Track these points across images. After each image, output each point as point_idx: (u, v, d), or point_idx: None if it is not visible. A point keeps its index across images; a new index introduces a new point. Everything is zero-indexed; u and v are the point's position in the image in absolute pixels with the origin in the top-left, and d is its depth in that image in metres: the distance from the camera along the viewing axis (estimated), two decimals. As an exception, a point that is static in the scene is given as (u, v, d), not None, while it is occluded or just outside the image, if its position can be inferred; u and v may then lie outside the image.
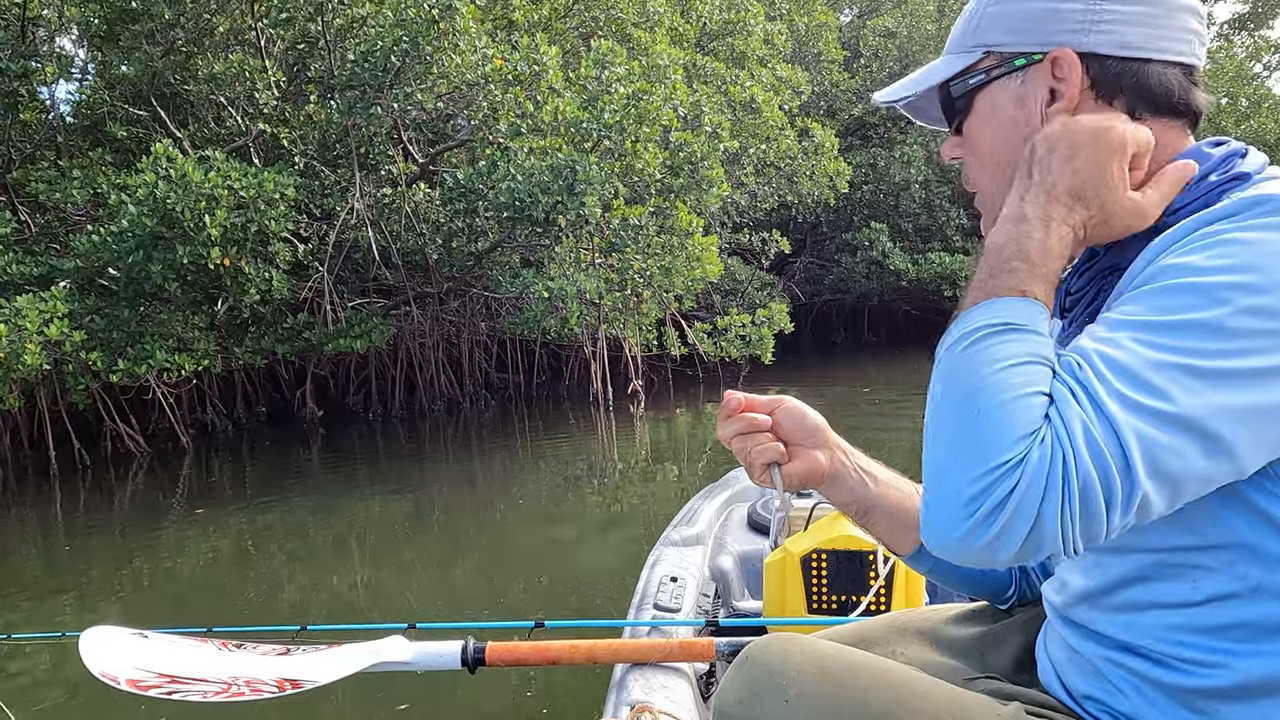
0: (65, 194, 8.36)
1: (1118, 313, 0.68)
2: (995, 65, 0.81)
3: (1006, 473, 0.62)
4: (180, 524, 5.92)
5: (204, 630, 1.90)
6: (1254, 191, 0.68)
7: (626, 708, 1.52)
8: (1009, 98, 0.80)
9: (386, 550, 4.71)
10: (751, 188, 12.46)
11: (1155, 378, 0.63)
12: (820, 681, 0.81)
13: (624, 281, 8.75)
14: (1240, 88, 17.14)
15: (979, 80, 0.81)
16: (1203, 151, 0.77)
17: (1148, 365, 0.63)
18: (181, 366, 8.35)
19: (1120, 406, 0.62)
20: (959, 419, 0.66)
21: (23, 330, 6.80)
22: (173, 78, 9.53)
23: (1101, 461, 0.61)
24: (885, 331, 18.60)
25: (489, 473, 7.12)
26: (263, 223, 7.73)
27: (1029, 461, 0.62)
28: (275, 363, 10.65)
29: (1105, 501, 0.61)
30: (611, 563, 4.12)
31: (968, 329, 0.70)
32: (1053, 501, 0.61)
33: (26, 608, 4.18)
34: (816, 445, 0.95)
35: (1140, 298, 0.67)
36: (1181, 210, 0.73)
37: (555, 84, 8.50)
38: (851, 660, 0.85)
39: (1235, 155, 0.76)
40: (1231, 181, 0.73)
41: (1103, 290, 0.78)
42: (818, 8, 16.11)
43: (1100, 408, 0.62)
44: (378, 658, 1.71)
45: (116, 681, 1.58)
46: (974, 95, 0.82)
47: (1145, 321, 0.65)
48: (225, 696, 1.56)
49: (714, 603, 2.15)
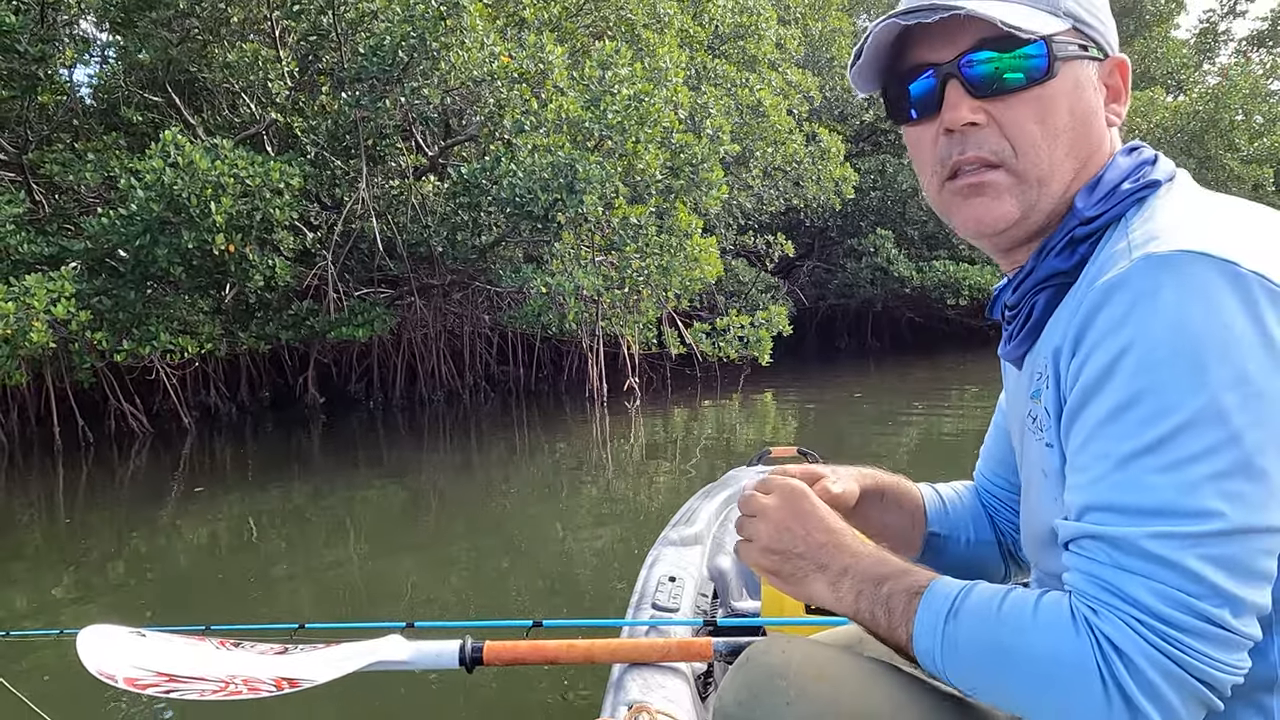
0: (79, 176, 8.44)
1: (1101, 441, 0.67)
2: (1084, 45, 0.78)
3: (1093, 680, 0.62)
4: (180, 503, 6.00)
5: (202, 629, 1.90)
6: (1153, 248, 0.67)
7: (624, 707, 1.51)
8: (1089, 81, 0.78)
9: (384, 543, 4.74)
10: (758, 190, 12.45)
11: (1193, 501, 0.62)
12: (820, 683, 0.81)
13: (623, 280, 8.78)
14: (1256, 105, 17.05)
15: (1074, 51, 0.77)
16: (1117, 162, 0.79)
17: (1180, 490, 0.62)
18: (185, 349, 8.43)
19: (1179, 547, 0.62)
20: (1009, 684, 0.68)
21: (30, 308, 6.87)
22: (189, 65, 9.57)
23: (1187, 605, 0.61)
24: (889, 338, 18.57)
25: (487, 466, 7.16)
26: (268, 211, 7.80)
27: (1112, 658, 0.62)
28: (279, 348, 10.72)
29: (1224, 629, 0.62)
30: (609, 562, 4.10)
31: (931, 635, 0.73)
32: (1165, 671, 0.61)
33: (25, 583, 4.24)
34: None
35: (1115, 418, 0.66)
36: (1096, 220, 0.76)
37: (560, 83, 8.52)
38: (851, 662, 0.85)
39: (1145, 163, 0.79)
40: (1142, 190, 0.76)
41: (1035, 307, 0.80)
42: (832, 13, 16.06)
43: (1157, 558, 0.62)
44: (375, 657, 1.71)
45: (114, 680, 1.57)
46: (1063, 62, 0.76)
47: (1146, 445, 0.64)
48: (223, 695, 1.56)
49: (712, 602, 2.15)
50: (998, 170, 0.78)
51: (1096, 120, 0.79)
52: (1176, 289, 0.64)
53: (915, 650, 0.74)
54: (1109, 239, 0.74)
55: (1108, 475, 0.66)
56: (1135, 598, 0.63)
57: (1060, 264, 0.77)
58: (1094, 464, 0.67)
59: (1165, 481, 0.63)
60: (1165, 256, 0.65)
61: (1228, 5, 23.58)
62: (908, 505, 1.02)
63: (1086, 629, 0.64)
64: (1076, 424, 0.69)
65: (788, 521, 0.82)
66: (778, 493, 0.84)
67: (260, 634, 1.94)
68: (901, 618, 0.75)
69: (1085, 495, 0.68)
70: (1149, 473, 0.63)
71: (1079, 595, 0.66)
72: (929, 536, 1.02)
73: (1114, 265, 0.69)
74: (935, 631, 0.72)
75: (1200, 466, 0.62)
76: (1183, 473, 0.62)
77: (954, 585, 0.73)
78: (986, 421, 1.09)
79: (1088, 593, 0.65)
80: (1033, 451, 0.82)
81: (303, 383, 10.96)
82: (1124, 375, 0.65)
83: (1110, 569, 0.65)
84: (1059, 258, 0.77)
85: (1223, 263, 0.63)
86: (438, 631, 1.92)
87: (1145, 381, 0.64)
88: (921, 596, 0.74)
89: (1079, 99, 0.77)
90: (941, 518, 1.04)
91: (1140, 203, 0.75)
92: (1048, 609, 0.67)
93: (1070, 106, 0.77)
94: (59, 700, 2.33)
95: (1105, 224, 0.75)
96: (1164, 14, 22.88)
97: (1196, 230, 0.67)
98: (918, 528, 1.02)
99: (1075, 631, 0.64)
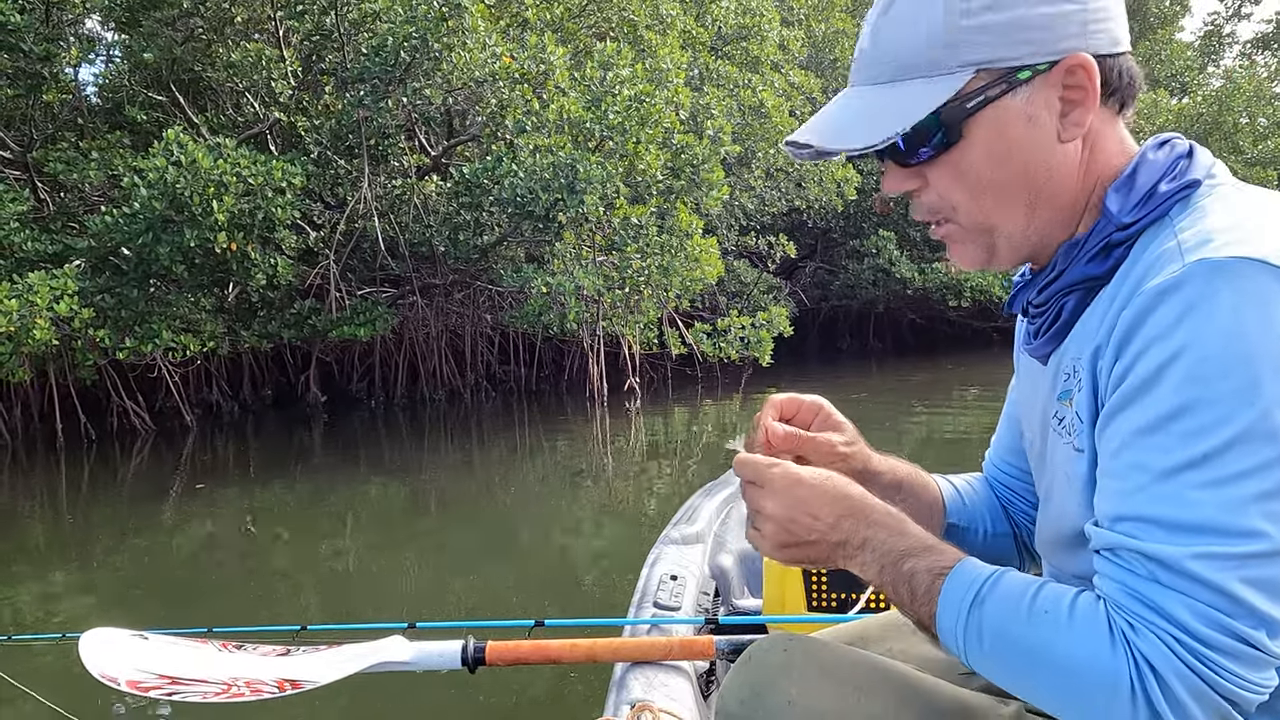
0: (83, 174, 8.46)
1: (1142, 450, 0.65)
2: (992, 84, 0.72)
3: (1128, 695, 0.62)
4: (181, 500, 6.01)
5: (204, 631, 1.91)
6: (1208, 253, 0.64)
7: (626, 706, 1.51)
8: (1014, 116, 0.72)
9: (385, 543, 4.76)
10: (760, 191, 12.46)
11: (1238, 520, 0.61)
12: (822, 681, 0.81)
13: (623, 280, 8.80)
14: (1260, 108, 17.02)
15: (977, 103, 0.72)
16: (1148, 159, 0.75)
17: (1224, 508, 0.61)
18: (187, 347, 8.46)
19: (1220, 568, 0.60)
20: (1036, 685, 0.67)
21: (33, 306, 6.89)
22: (193, 64, 9.60)
23: (1226, 627, 0.61)
24: (891, 339, 18.57)
25: (488, 465, 7.17)
26: (269, 210, 7.82)
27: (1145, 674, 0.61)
28: (282, 347, 10.76)
29: (1258, 650, 0.61)
30: (611, 561, 4.11)
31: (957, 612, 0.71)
32: (1195, 689, 0.61)
33: (28, 580, 4.25)
34: (830, 429, 0.96)
35: (1159, 428, 0.64)
36: (1133, 226, 0.73)
37: (562, 83, 8.54)
38: (853, 660, 0.85)
39: (1181, 158, 0.74)
40: (1183, 190, 0.72)
41: (1065, 308, 0.78)
42: (836, 14, 16.06)
43: (1199, 578, 0.61)
44: (378, 658, 1.71)
45: (117, 682, 1.58)
46: (966, 121, 0.73)
47: (1191, 459, 0.62)
48: (225, 697, 1.57)
49: (714, 601, 2.15)
50: (950, 224, 0.79)
51: (1037, 151, 0.74)
52: (1233, 297, 0.61)
53: (938, 630, 0.73)
54: (1151, 238, 0.72)
55: (1148, 486, 0.64)
56: (1174, 615, 0.62)
57: (1093, 270, 0.75)
58: (1133, 473, 0.65)
59: (1209, 498, 0.61)
60: (1222, 262, 0.63)
61: (1232, 8, 23.55)
62: (925, 497, 1.00)
63: (1124, 644, 0.63)
64: (1113, 426, 0.68)
65: (789, 514, 0.79)
66: (769, 488, 0.80)
67: (262, 636, 1.94)
68: (925, 596, 0.73)
69: (1122, 504, 0.66)
70: (1192, 488, 0.62)
71: (1115, 607, 0.65)
72: (947, 528, 1.01)
73: (1164, 268, 0.66)
74: (959, 616, 0.71)
75: (1247, 485, 0.60)
76: (1228, 490, 0.61)
77: (981, 570, 0.72)
78: (989, 421, 1.08)
79: (1126, 606, 0.64)
80: (1058, 454, 0.80)
81: (305, 381, 10.99)
82: (1172, 383, 0.63)
83: (1149, 584, 0.63)
84: (1092, 263, 0.75)
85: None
86: (440, 632, 1.93)
87: (1195, 392, 0.62)
88: (945, 578, 0.72)
89: (1004, 143, 0.73)
90: (960, 509, 1.02)
91: (1184, 200, 0.72)
92: (1084, 615, 0.66)
93: (994, 152, 0.74)
94: (62, 700, 2.33)
95: (1144, 228, 0.72)
96: (1169, 16, 22.86)
97: (1253, 235, 0.64)
98: (936, 519, 1.00)
99: (1112, 644, 0.63)
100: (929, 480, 1.01)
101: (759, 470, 0.81)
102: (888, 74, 0.75)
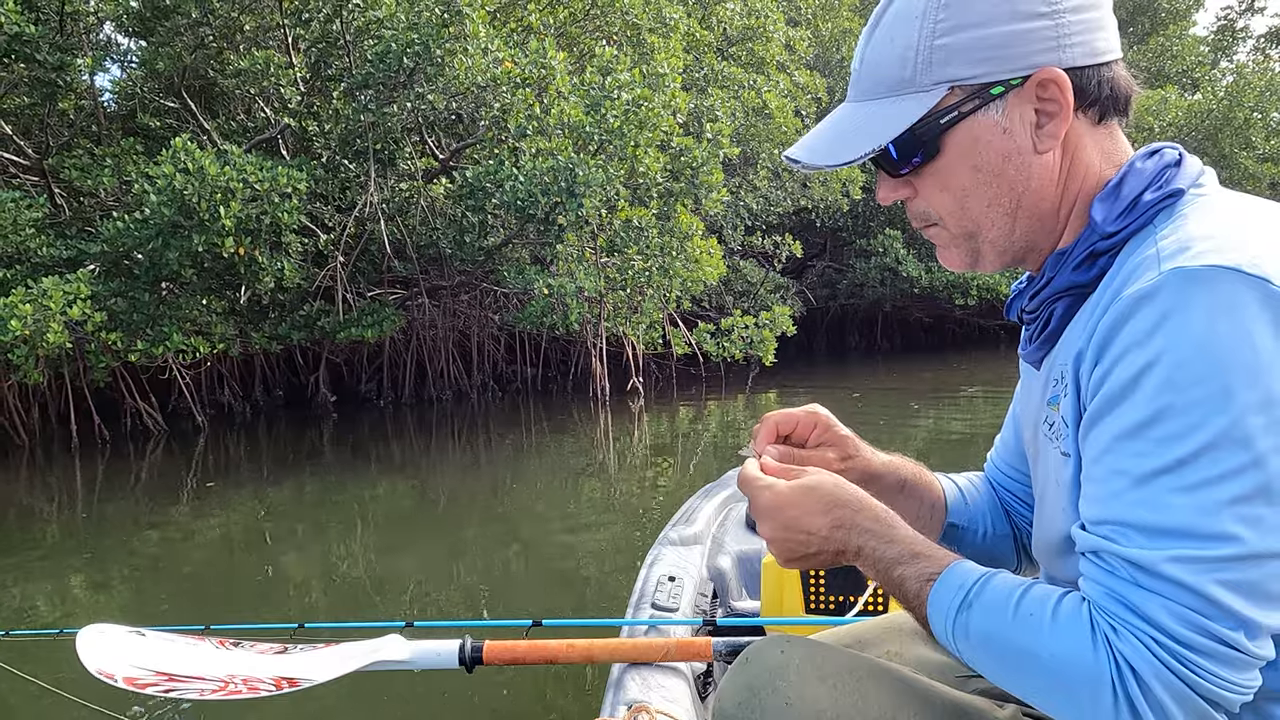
0: (97, 180, 8.59)
1: (1121, 455, 0.66)
2: (966, 99, 0.75)
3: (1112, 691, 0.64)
4: (192, 499, 6.11)
5: (201, 628, 1.90)
6: (1184, 261, 0.65)
7: (624, 707, 1.51)
8: (989, 130, 0.75)
9: (389, 541, 4.81)
10: (765, 192, 12.45)
11: (1212, 524, 0.62)
12: (820, 683, 0.81)
13: (625, 281, 8.84)
14: (1272, 103, 16.80)
15: (951, 119, 0.75)
16: (1135, 168, 0.76)
17: (1199, 513, 0.62)
18: (198, 349, 8.57)
19: (1197, 571, 0.62)
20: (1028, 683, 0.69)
21: (47, 310, 7.01)
22: (204, 71, 9.72)
23: (1203, 628, 0.62)
24: (899, 337, 18.51)
25: (493, 464, 7.24)
26: (276, 215, 7.92)
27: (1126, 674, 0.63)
28: (292, 348, 10.87)
29: (1238, 651, 0.62)
30: (609, 561, 4.12)
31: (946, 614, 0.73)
32: (1176, 690, 0.62)
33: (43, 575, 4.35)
34: (829, 444, 0.97)
35: (1136, 433, 0.65)
36: (1117, 235, 0.74)
37: (562, 88, 8.59)
38: (851, 662, 0.85)
39: (1168, 166, 0.75)
40: (1166, 199, 0.73)
41: (1054, 314, 0.80)
42: (842, 14, 16.01)
43: (1176, 581, 0.62)
44: (375, 657, 1.71)
45: (114, 679, 1.57)
46: (943, 135, 0.76)
47: (1167, 464, 0.63)
48: (222, 695, 1.56)
49: (712, 602, 2.15)
50: (936, 227, 0.82)
51: (1015, 162, 0.76)
52: (1207, 305, 0.63)
53: (931, 630, 0.76)
54: (1133, 247, 0.73)
55: (1126, 491, 0.65)
56: (1153, 618, 0.63)
57: (1079, 278, 0.77)
58: (1112, 478, 0.67)
59: (1185, 503, 0.63)
60: (1196, 271, 0.64)
61: (1246, 2, 23.25)
62: (928, 497, 1.01)
63: (1105, 645, 0.65)
64: (1095, 432, 0.69)
65: (783, 535, 0.82)
66: (761, 513, 0.84)
67: (260, 634, 1.94)
68: (916, 600, 0.76)
69: (1103, 508, 0.68)
70: (1168, 493, 0.63)
71: (1098, 609, 0.67)
72: (948, 528, 1.02)
73: (1141, 275, 0.68)
74: (947, 621, 0.74)
75: (1221, 489, 0.62)
76: (1202, 495, 0.62)
77: (970, 575, 0.74)
78: (995, 421, 1.08)
79: (1108, 609, 0.66)
80: (1049, 459, 0.81)
81: (315, 382, 11.11)
82: (1148, 390, 0.64)
83: (1130, 586, 0.65)
84: (1078, 271, 0.77)
85: (1255, 280, 0.62)
86: (437, 631, 1.93)
87: (1169, 399, 0.63)
88: (933, 584, 0.75)
89: (981, 155, 0.76)
90: (961, 509, 1.03)
91: (1168, 209, 0.73)
92: (1067, 618, 0.67)
93: (973, 164, 0.77)
94: (62, 700, 2.34)
95: (1128, 237, 0.74)
96: (1180, 11, 22.60)
97: (1229, 243, 0.65)
98: (937, 518, 1.01)
99: (1094, 646, 0.65)
100: (932, 479, 1.03)
101: (751, 495, 0.85)
102: (871, 91, 0.79)
